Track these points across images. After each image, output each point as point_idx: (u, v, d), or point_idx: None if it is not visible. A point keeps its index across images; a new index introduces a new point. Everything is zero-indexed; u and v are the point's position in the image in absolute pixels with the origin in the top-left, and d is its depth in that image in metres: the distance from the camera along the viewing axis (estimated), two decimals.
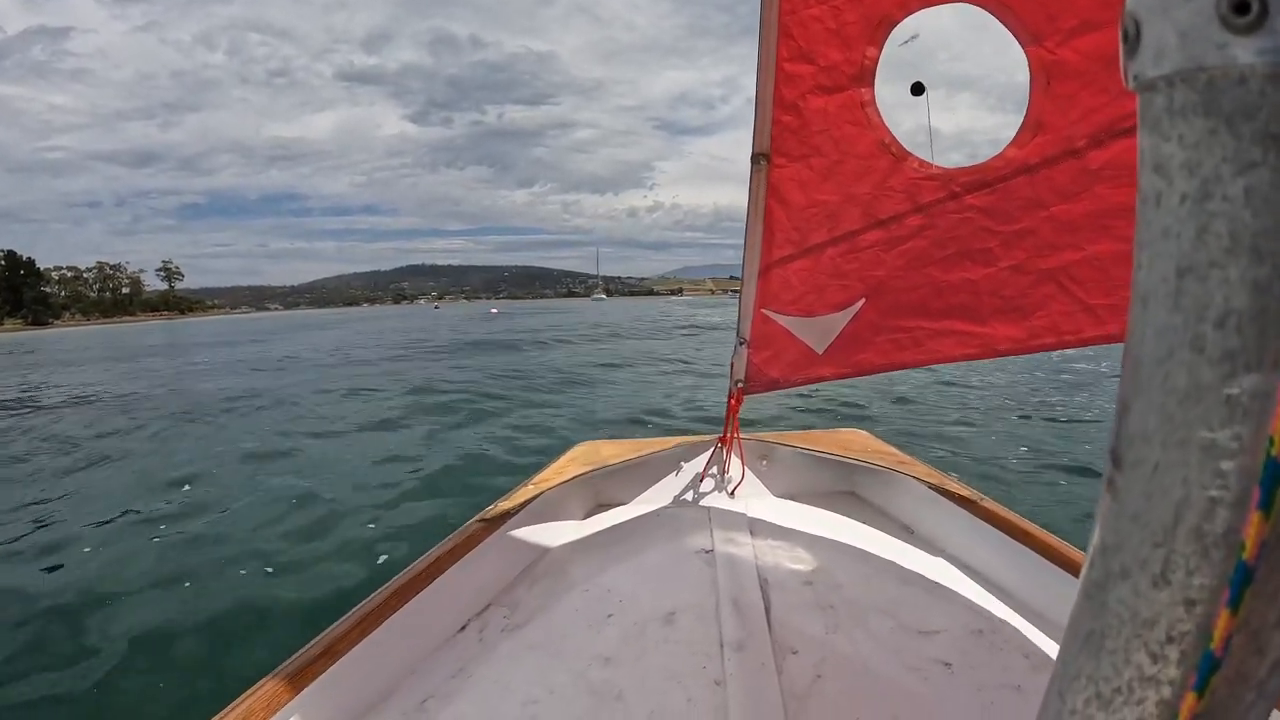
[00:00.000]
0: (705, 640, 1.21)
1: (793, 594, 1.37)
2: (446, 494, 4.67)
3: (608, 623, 1.29)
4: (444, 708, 1.07)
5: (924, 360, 1.50)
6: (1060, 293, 1.33)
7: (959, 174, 1.35)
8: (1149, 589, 0.22)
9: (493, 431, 6.97)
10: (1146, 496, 0.22)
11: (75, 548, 3.99)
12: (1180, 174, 0.21)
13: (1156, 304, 0.22)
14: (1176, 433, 0.21)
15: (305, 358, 16.96)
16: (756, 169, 1.46)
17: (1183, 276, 0.21)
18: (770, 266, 1.54)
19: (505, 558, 1.51)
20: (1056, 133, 1.25)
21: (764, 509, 1.86)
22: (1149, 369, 0.22)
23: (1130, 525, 0.23)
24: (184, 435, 7.52)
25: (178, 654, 2.72)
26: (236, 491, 5.00)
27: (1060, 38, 1.20)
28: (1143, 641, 0.23)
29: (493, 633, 1.29)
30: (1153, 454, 0.22)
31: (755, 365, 1.71)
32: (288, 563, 3.56)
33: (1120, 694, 0.23)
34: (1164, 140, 0.21)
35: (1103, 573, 0.24)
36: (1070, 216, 1.27)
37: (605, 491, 1.96)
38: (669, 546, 1.64)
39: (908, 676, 1.10)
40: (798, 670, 1.12)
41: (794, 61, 1.36)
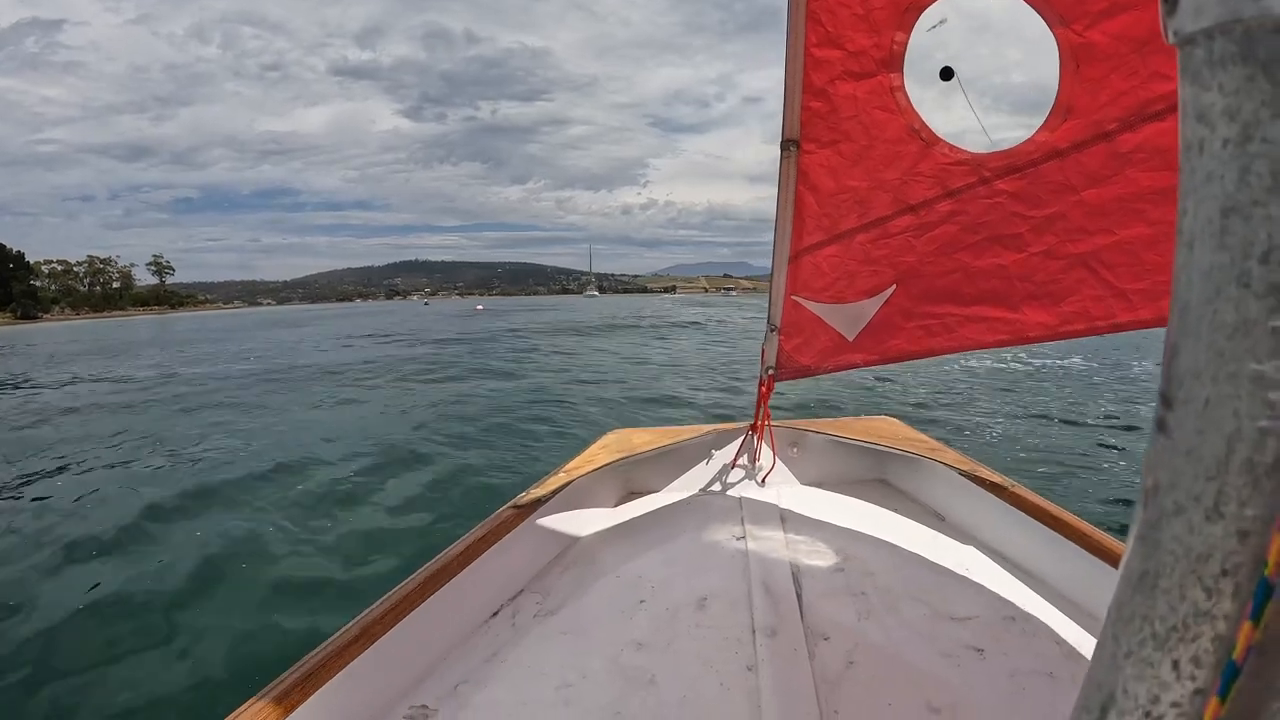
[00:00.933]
0: (737, 626, 1.22)
1: (824, 581, 1.38)
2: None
3: (640, 609, 1.30)
4: (477, 692, 1.08)
5: (955, 347, 1.51)
6: (1091, 277, 1.33)
7: (989, 159, 1.35)
8: (1202, 523, 0.23)
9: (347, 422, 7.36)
10: (1199, 432, 0.23)
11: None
12: (1221, 120, 0.22)
13: (1202, 245, 0.23)
14: (1226, 367, 0.22)
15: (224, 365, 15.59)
16: (786, 155, 1.45)
17: (1227, 216, 0.22)
18: (800, 253, 1.54)
19: (537, 544, 1.52)
20: (1087, 116, 1.25)
21: (795, 496, 1.86)
22: (1198, 309, 0.23)
23: (1183, 461, 0.24)
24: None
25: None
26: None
27: (1089, 20, 1.19)
28: (1197, 577, 0.23)
29: (525, 618, 1.30)
30: (1203, 390, 0.23)
31: (786, 352, 1.71)
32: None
33: (1176, 631, 0.24)
34: (1204, 90, 0.22)
35: (1156, 512, 0.25)
36: (1101, 201, 1.27)
37: (636, 479, 1.96)
38: (700, 533, 1.64)
39: (940, 663, 1.11)
40: (830, 656, 1.13)
41: (822, 47, 1.35)
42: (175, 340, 28.41)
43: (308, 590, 3.23)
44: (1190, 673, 0.24)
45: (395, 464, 5.39)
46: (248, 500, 4.65)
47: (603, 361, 13.50)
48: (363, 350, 18.34)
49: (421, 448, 5.90)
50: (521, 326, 27.95)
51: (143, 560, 3.67)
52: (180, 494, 4.82)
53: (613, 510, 1.85)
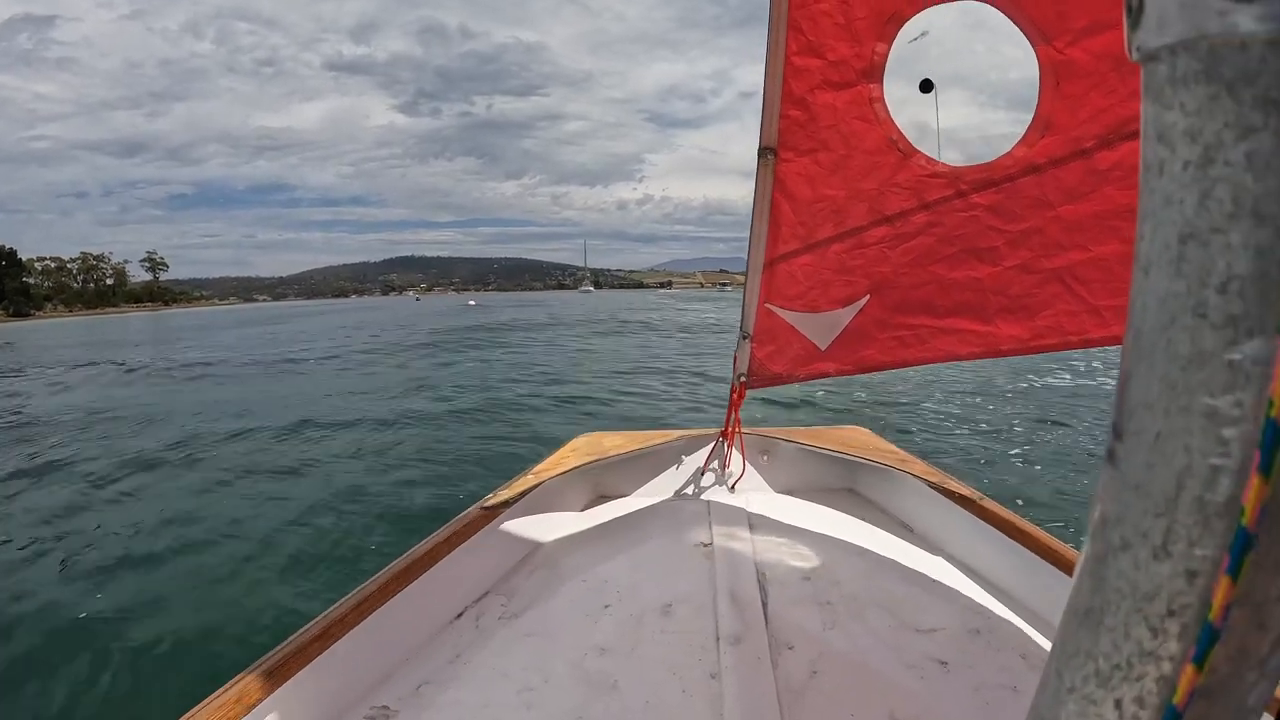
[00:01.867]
0: (702, 633, 1.22)
1: (791, 589, 1.38)
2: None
3: (605, 613, 1.30)
4: (440, 693, 1.08)
5: (928, 358, 1.50)
6: (1065, 293, 1.33)
7: (966, 172, 1.35)
8: (1149, 561, 0.22)
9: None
10: (1148, 466, 0.22)
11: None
12: (1182, 141, 0.21)
13: (1159, 271, 0.22)
14: (1179, 400, 0.21)
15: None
16: (763, 163, 1.45)
17: (1185, 243, 0.21)
18: (775, 261, 1.53)
19: (504, 546, 1.52)
20: (1065, 133, 1.25)
21: (764, 504, 1.86)
22: (1151, 337, 0.22)
23: (1132, 496, 0.23)
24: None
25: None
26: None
27: (1070, 37, 1.19)
28: (1143, 615, 0.22)
29: (490, 620, 1.30)
30: (1155, 423, 0.22)
31: (758, 360, 1.71)
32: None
33: (1120, 670, 0.23)
34: (1166, 109, 0.21)
35: (1103, 546, 0.24)
36: (1077, 217, 1.27)
37: (605, 483, 1.96)
38: (668, 539, 1.64)
39: (904, 674, 1.11)
40: (794, 665, 1.12)
41: (803, 55, 1.35)
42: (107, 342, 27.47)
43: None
44: (1133, 713, 0.23)
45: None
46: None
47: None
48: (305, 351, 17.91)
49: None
50: (509, 321, 28.18)
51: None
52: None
53: (581, 514, 1.84)
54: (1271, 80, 0.19)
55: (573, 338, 19.32)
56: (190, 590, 3.30)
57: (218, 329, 33.75)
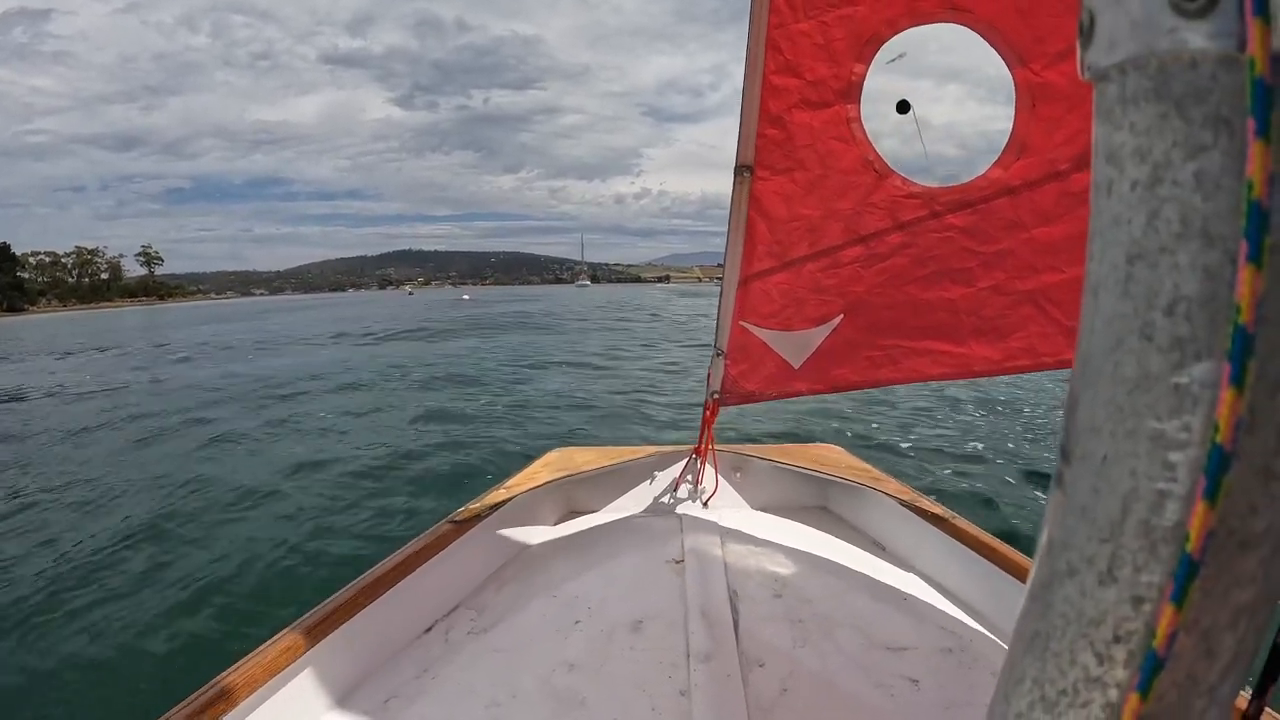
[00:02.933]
0: (672, 650, 1.22)
1: (762, 606, 1.38)
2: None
3: (575, 629, 1.30)
4: (407, 707, 1.08)
5: (900, 379, 1.51)
6: (1039, 314, 1.34)
7: (941, 193, 1.35)
8: (1095, 587, 0.22)
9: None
10: (1095, 491, 0.22)
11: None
12: (1131, 161, 0.21)
13: (1107, 293, 0.22)
14: (1125, 423, 0.21)
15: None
16: (739, 180, 1.45)
17: (1133, 263, 0.21)
18: (750, 279, 1.54)
19: (474, 560, 1.52)
20: (1040, 155, 1.25)
21: (736, 520, 1.87)
22: (1099, 359, 0.22)
23: (1078, 521, 0.23)
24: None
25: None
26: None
27: (1046, 61, 1.20)
28: (1089, 641, 0.22)
29: (459, 635, 1.30)
30: (1101, 446, 0.22)
31: (731, 377, 1.71)
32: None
33: (1066, 696, 0.23)
34: (1116, 129, 0.21)
35: (1049, 572, 0.24)
36: (1051, 239, 1.28)
37: (577, 498, 1.96)
38: (639, 555, 1.64)
39: (875, 693, 1.11)
40: (764, 683, 1.13)
41: (781, 75, 1.35)
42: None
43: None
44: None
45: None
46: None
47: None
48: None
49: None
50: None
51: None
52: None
53: (552, 528, 1.84)
54: (1222, 98, 0.19)
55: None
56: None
57: (196, 324, 33.75)
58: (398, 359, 13.25)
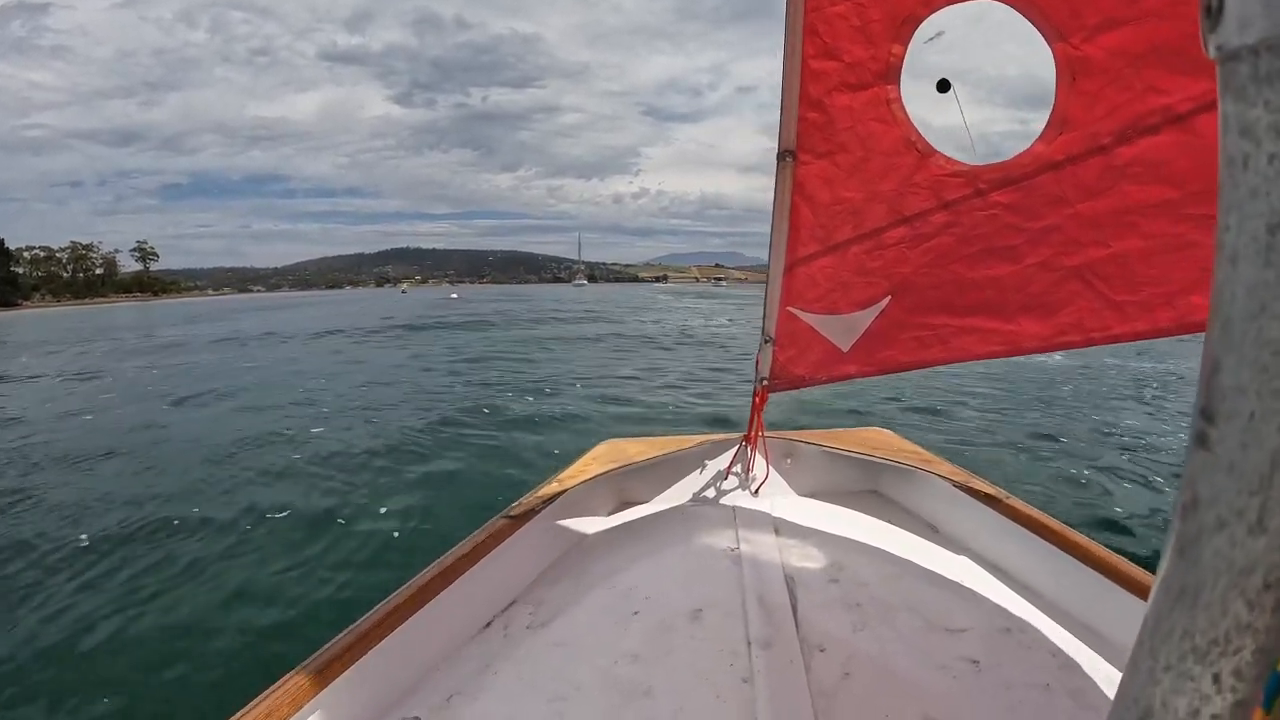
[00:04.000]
0: (732, 638, 1.23)
1: (819, 592, 1.40)
2: None
3: (633, 620, 1.31)
4: (469, 704, 1.08)
5: (950, 358, 1.52)
6: (1086, 290, 1.35)
7: (984, 171, 1.36)
8: (1245, 537, 0.23)
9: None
10: (1242, 447, 0.23)
11: None
12: (1268, 136, 0.22)
13: (1247, 262, 0.23)
14: (1272, 383, 0.22)
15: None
16: (782, 165, 1.46)
17: (1274, 233, 0.22)
18: (795, 264, 1.55)
19: (530, 555, 1.53)
20: (1082, 129, 1.26)
21: (788, 507, 1.88)
22: (1241, 325, 0.23)
23: (1225, 477, 0.24)
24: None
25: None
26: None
27: (1085, 34, 1.20)
28: (1239, 590, 0.23)
29: (518, 629, 1.31)
30: (1247, 405, 0.23)
31: (780, 363, 1.73)
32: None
33: (1217, 645, 0.24)
34: (1250, 106, 0.22)
35: (1196, 527, 0.25)
36: (1095, 213, 1.29)
37: (629, 489, 1.98)
38: (693, 544, 1.66)
39: (935, 675, 1.12)
40: (825, 668, 1.14)
41: (819, 59, 1.36)
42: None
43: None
44: (1231, 685, 0.24)
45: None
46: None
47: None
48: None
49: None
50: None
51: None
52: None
53: (606, 520, 1.86)
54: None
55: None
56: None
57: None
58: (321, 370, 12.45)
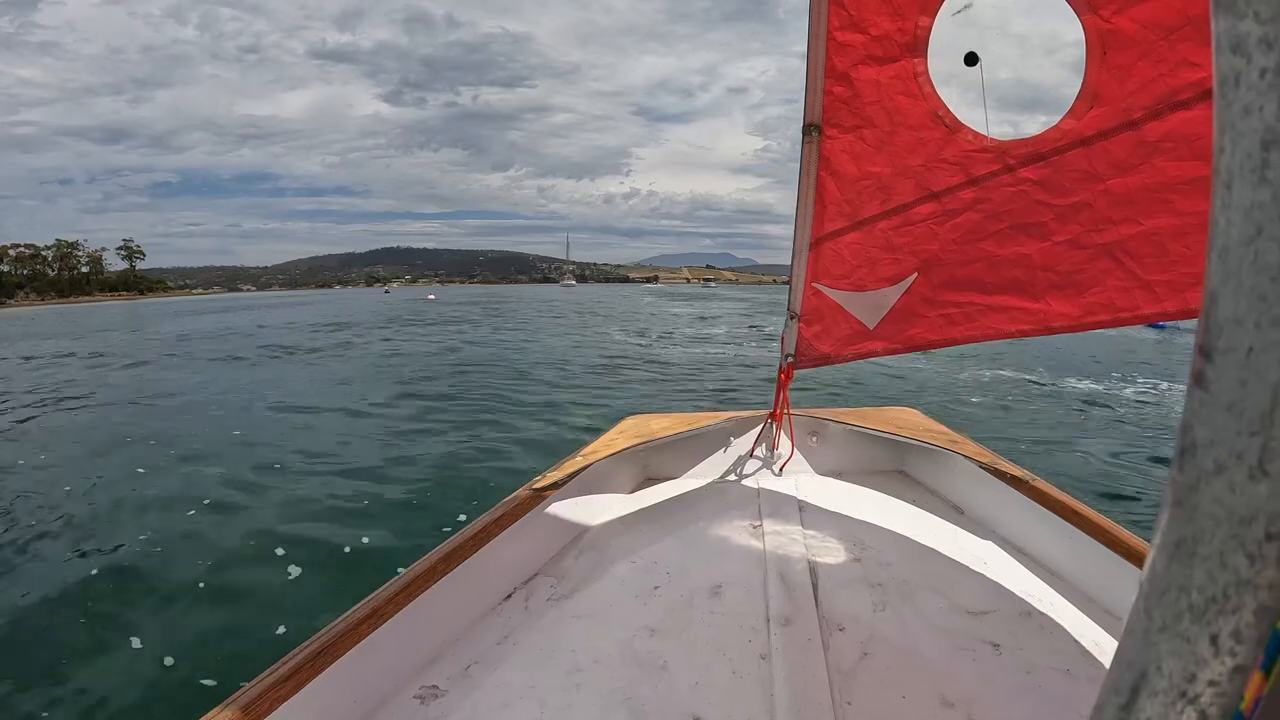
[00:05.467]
0: (752, 614, 1.23)
1: (840, 571, 1.39)
2: None
3: (654, 594, 1.31)
4: (488, 674, 1.09)
5: (976, 336, 1.51)
6: (1116, 268, 1.34)
7: (1013, 146, 1.34)
8: (1245, 482, 0.21)
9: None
10: (1241, 383, 0.22)
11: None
12: (1258, 49, 0.21)
13: (1241, 182, 0.22)
14: (1271, 311, 0.21)
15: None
16: (808, 140, 1.44)
17: (1268, 149, 0.21)
18: (822, 240, 1.53)
19: (553, 528, 1.53)
20: (1113, 104, 1.24)
21: (812, 486, 1.87)
22: (1237, 251, 0.22)
23: (1224, 416, 0.22)
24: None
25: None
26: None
27: (1117, 6, 1.19)
28: (1239, 542, 0.22)
29: (539, 601, 1.31)
30: (1245, 338, 0.22)
31: (806, 340, 1.72)
32: None
33: (1215, 603, 0.22)
34: (1239, 19, 0.21)
35: (1194, 472, 0.23)
36: (1127, 190, 1.27)
37: (653, 465, 1.97)
38: (717, 521, 1.66)
39: (956, 656, 1.12)
40: (844, 647, 1.14)
41: (845, 31, 1.34)
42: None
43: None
44: (1230, 648, 0.22)
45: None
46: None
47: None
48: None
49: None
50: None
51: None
52: None
53: (629, 496, 1.85)
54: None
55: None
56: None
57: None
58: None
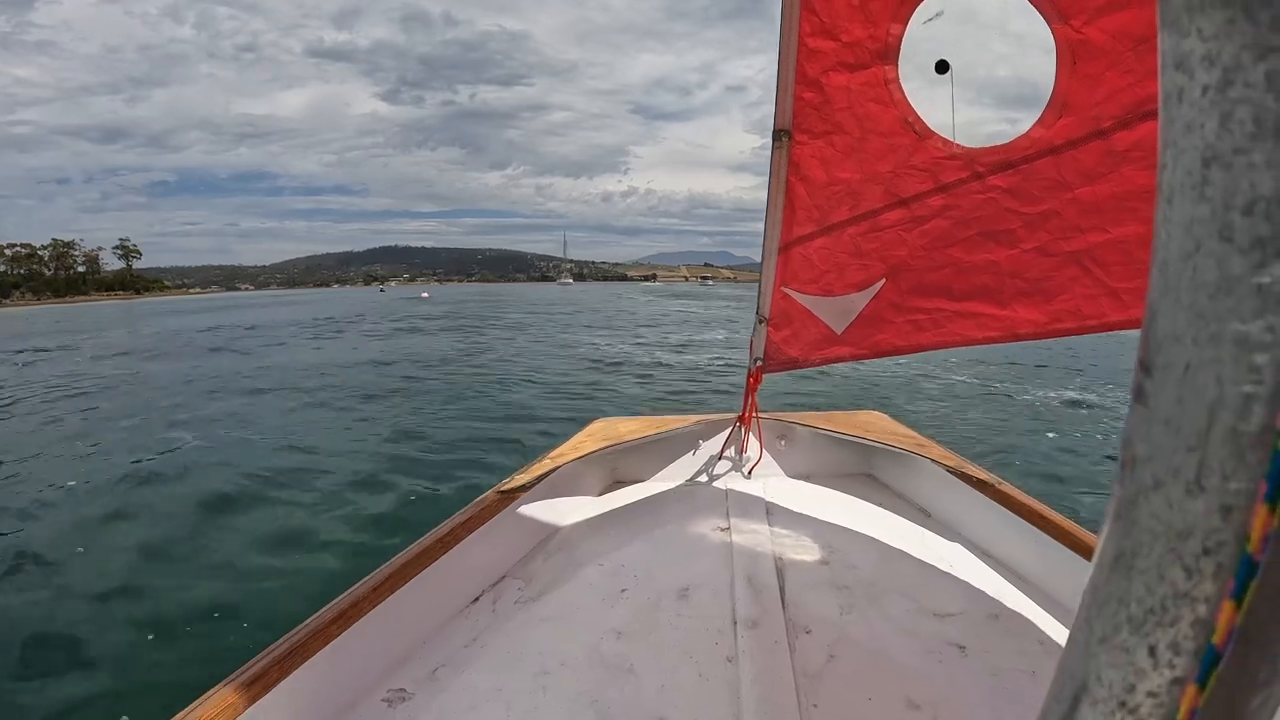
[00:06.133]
0: (719, 617, 1.24)
1: (808, 574, 1.40)
2: None
3: (621, 597, 1.32)
4: (455, 676, 1.09)
5: (944, 343, 1.51)
6: (1084, 275, 1.34)
7: (982, 154, 1.34)
8: (1183, 498, 0.22)
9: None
10: (1179, 400, 0.22)
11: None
12: (1201, 67, 0.21)
13: (1182, 198, 0.22)
14: (1208, 329, 0.21)
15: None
16: (778, 145, 1.44)
17: (1208, 166, 0.21)
18: (791, 244, 1.54)
19: (521, 530, 1.54)
20: (1082, 113, 1.25)
21: (781, 489, 1.88)
22: (1177, 266, 0.22)
23: (1162, 432, 0.22)
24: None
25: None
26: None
27: (1087, 16, 1.19)
28: (1177, 556, 0.22)
29: (506, 604, 1.31)
30: (1184, 354, 0.22)
31: (774, 343, 1.72)
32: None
33: (1153, 615, 0.23)
34: (1183, 36, 0.21)
35: (1133, 488, 0.23)
36: (1095, 198, 1.28)
37: (622, 468, 1.98)
38: (684, 524, 1.66)
39: (921, 659, 1.12)
40: (811, 649, 1.14)
41: (816, 37, 1.34)
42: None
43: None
44: (1168, 660, 0.23)
45: None
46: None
47: None
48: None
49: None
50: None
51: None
52: None
53: (597, 498, 1.86)
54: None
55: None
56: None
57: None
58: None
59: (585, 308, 36.52)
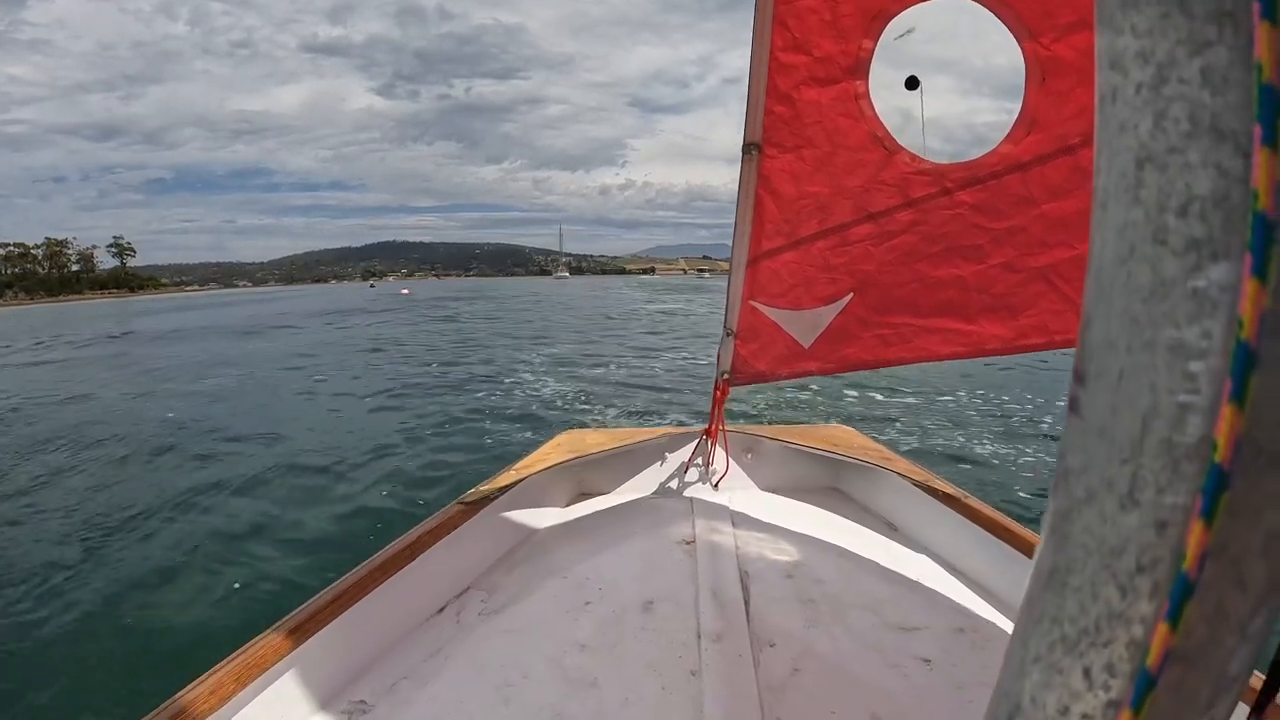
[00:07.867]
0: (683, 630, 1.24)
1: (773, 587, 1.41)
2: None
3: (585, 610, 1.32)
4: (418, 689, 1.09)
5: (911, 358, 1.52)
6: (1050, 291, 1.35)
7: (951, 170, 1.35)
8: (1116, 512, 0.21)
9: None
10: (1112, 409, 0.21)
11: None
12: (1135, 64, 0.20)
13: (1116, 202, 0.21)
14: (1142, 335, 0.20)
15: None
16: (748, 159, 1.45)
17: (1142, 167, 0.20)
18: (759, 258, 1.54)
19: (485, 542, 1.54)
20: (1050, 130, 1.26)
21: (747, 502, 1.89)
22: (1110, 271, 0.21)
23: (1096, 442, 0.22)
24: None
25: None
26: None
27: (1056, 34, 1.20)
28: (1111, 573, 0.21)
29: (470, 615, 1.31)
30: (1117, 362, 0.21)
31: (742, 357, 1.73)
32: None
33: (1087, 635, 0.22)
34: (1118, 34, 0.21)
35: (1067, 501, 0.23)
36: (1062, 214, 1.29)
37: (588, 480, 1.99)
38: (650, 536, 1.67)
39: (887, 673, 1.13)
40: (775, 663, 1.15)
41: (788, 52, 1.34)
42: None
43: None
44: (1103, 681, 0.22)
45: None
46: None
47: None
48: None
49: None
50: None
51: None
52: None
53: (563, 510, 1.87)
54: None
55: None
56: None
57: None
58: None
59: (558, 305, 35.83)
